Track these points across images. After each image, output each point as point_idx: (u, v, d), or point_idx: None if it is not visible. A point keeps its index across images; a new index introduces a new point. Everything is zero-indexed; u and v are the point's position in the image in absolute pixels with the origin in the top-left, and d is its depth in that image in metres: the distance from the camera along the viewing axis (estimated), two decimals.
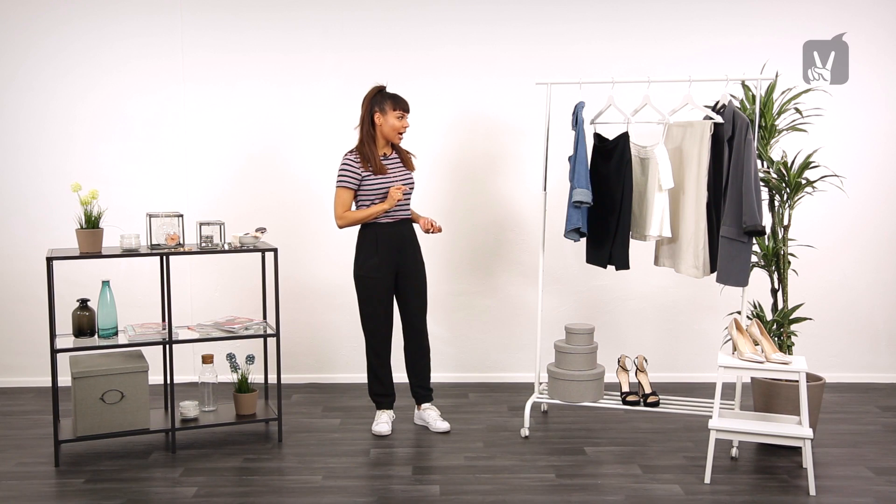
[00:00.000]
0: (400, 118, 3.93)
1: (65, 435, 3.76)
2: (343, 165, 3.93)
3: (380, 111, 3.92)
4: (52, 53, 4.77)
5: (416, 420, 4.23)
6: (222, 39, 4.81)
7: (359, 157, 3.92)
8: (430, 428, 4.12)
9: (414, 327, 4.11)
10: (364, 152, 3.92)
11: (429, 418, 4.14)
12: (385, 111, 3.92)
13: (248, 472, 3.61)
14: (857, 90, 4.82)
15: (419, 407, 4.21)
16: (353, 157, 3.93)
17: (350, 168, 3.91)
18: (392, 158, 4.01)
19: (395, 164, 4.01)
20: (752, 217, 3.59)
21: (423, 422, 4.18)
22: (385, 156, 4.00)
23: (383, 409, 4.16)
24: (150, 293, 4.50)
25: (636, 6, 4.84)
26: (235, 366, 4.07)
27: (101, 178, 4.67)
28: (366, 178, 3.90)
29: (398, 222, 3.98)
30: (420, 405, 4.21)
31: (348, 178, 3.91)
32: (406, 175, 4.01)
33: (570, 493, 3.39)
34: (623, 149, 3.94)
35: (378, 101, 3.93)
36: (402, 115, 3.94)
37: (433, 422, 4.13)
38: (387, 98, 3.93)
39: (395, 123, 3.92)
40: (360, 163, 3.91)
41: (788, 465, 3.71)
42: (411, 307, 4.09)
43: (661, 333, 5.01)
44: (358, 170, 3.90)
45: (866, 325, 5.01)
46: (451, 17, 4.84)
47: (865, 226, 4.94)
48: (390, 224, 3.96)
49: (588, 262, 4.21)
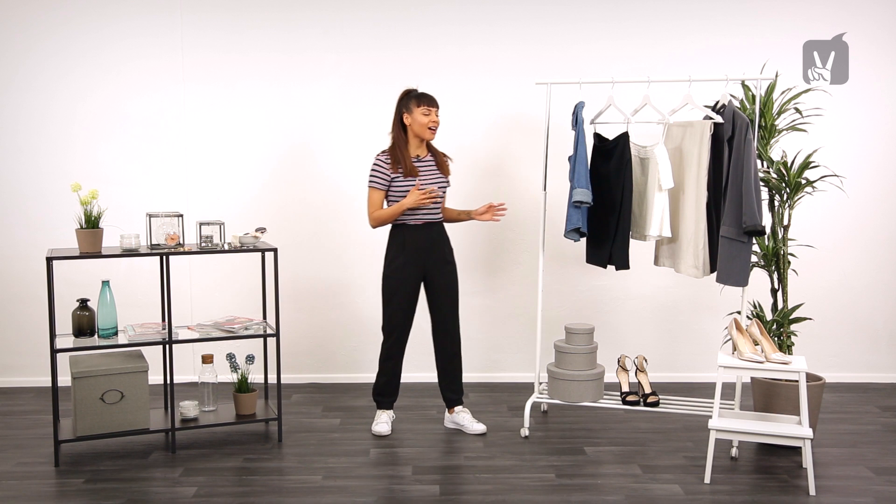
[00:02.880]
0: (426, 114, 3.92)
1: (65, 435, 3.76)
2: (373, 166, 3.96)
3: (406, 111, 3.94)
4: (52, 53, 4.77)
5: (448, 423, 4.19)
6: (222, 39, 4.81)
7: (390, 158, 3.94)
8: (466, 430, 4.09)
9: (446, 329, 4.08)
10: (395, 154, 3.94)
11: (463, 421, 4.11)
12: (411, 110, 3.93)
13: (248, 472, 3.61)
14: (857, 90, 4.83)
15: (451, 410, 4.18)
16: (383, 158, 3.95)
17: (380, 168, 3.93)
18: (427, 161, 4.01)
19: (428, 166, 4.00)
20: (752, 217, 3.59)
21: (457, 425, 4.14)
22: (418, 157, 3.99)
23: (384, 410, 4.15)
24: (150, 293, 4.50)
25: (636, 6, 4.84)
26: (235, 366, 4.07)
27: (101, 178, 4.67)
28: (395, 180, 3.91)
29: (426, 224, 3.97)
30: (452, 409, 4.17)
31: (377, 179, 3.93)
32: (438, 178, 4.00)
33: (570, 493, 3.39)
34: (623, 149, 3.94)
35: (405, 101, 3.96)
36: (427, 110, 3.92)
37: (469, 424, 4.09)
38: (412, 97, 3.94)
39: (422, 119, 3.91)
40: (391, 164, 3.92)
41: (788, 465, 3.71)
42: (442, 309, 4.06)
43: (661, 333, 5.01)
44: (387, 171, 3.92)
45: (866, 325, 5.01)
46: (452, 17, 4.84)
47: (865, 226, 4.94)
48: (418, 226, 3.95)
49: (588, 262, 4.21)
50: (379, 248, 4.95)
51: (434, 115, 3.95)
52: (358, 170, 4.92)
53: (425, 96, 3.94)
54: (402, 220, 3.95)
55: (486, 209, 4.09)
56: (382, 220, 3.94)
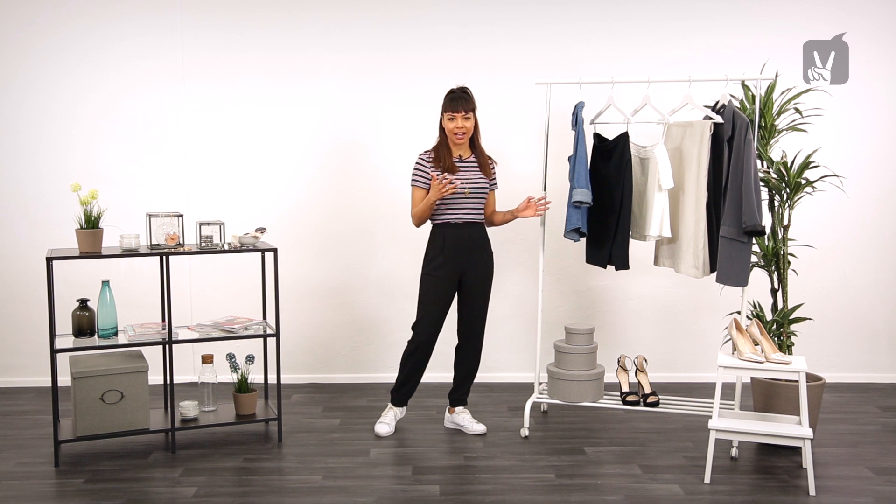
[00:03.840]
0: (451, 119, 3.87)
1: (65, 435, 3.76)
2: (415, 165, 3.95)
3: (443, 114, 3.92)
4: (52, 53, 4.77)
5: (448, 423, 4.20)
6: (222, 39, 4.81)
7: (432, 155, 3.93)
8: (466, 431, 4.10)
9: (474, 331, 4.07)
10: (438, 153, 3.92)
11: (464, 421, 4.12)
12: (442, 114, 3.91)
13: (248, 472, 3.61)
14: (857, 90, 4.83)
15: (452, 410, 4.18)
16: (425, 157, 3.94)
17: (421, 167, 3.93)
18: (469, 161, 3.97)
19: (470, 166, 3.96)
20: (752, 217, 3.59)
21: (457, 425, 4.15)
22: (461, 158, 3.96)
23: (395, 407, 4.14)
24: (150, 293, 4.50)
25: (636, 6, 4.84)
26: (235, 366, 4.07)
27: (101, 178, 4.67)
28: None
29: (466, 224, 3.94)
30: (454, 408, 4.18)
31: (419, 177, 3.93)
32: (478, 178, 3.95)
33: (570, 493, 3.39)
34: (623, 149, 3.94)
35: (443, 104, 3.92)
36: (451, 116, 3.86)
37: (469, 424, 4.10)
38: (445, 100, 3.90)
39: (448, 125, 3.88)
40: (433, 161, 3.91)
41: (788, 465, 3.71)
42: (473, 310, 4.03)
43: (661, 333, 5.01)
44: (428, 168, 3.90)
45: (866, 325, 5.01)
46: (452, 17, 4.84)
47: (865, 226, 4.94)
48: (458, 225, 3.93)
49: (588, 262, 4.21)
50: (379, 248, 4.97)
51: (459, 121, 3.86)
52: (358, 169, 4.93)
53: (451, 101, 3.87)
54: (444, 218, 3.92)
55: (527, 205, 4.04)
56: (419, 216, 3.92)
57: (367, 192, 4.93)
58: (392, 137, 4.90)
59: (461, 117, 3.86)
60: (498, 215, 4.14)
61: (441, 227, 3.95)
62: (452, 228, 3.93)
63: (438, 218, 3.93)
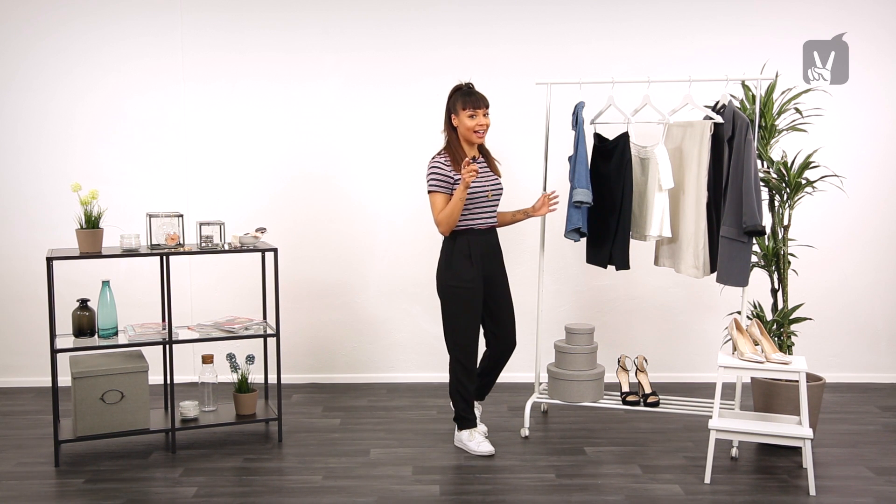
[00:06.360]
0: (472, 116, 3.67)
1: (65, 435, 3.76)
2: (434, 169, 3.69)
3: (454, 113, 3.72)
4: (52, 53, 4.76)
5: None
6: (222, 39, 4.81)
7: (449, 158, 3.71)
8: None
9: (508, 342, 3.90)
10: (452, 154, 3.72)
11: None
12: (458, 112, 3.70)
13: (248, 472, 3.61)
14: (857, 90, 4.82)
15: None
16: (443, 161, 3.70)
17: (441, 171, 3.68)
18: (479, 162, 3.79)
19: (482, 167, 3.80)
20: (752, 217, 3.59)
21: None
22: (474, 159, 3.78)
23: (474, 429, 3.88)
24: (150, 293, 4.50)
25: (636, 6, 4.84)
26: (235, 366, 4.07)
27: (101, 178, 4.67)
28: (457, 181, 3.67)
29: (488, 230, 3.79)
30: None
31: (442, 182, 3.67)
32: (493, 179, 3.80)
33: (570, 493, 3.39)
34: (623, 149, 3.94)
35: (452, 101, 3.73)
36: (473, 112, 3.67)
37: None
38: (459, 97, 3.70)
39: (468, 123, 3.68)
40: (452, 165, 3.69)
41: (788, 465, 3.71)
42: (505, 318, 3.88)
43: (661, 333, 5.01)
44: (450, 172, 3.67)
45: (866, 325, 5.01)
46: (452, 17, 4.84)
47: (865, 226, 4.94)
48: (482, 231, 3.75)
49: (588, 262, 4.21)
50: (379, 248, 4.97)
51: (481, 118, 3.69)
52: (358, 169, 4.93)
53: (471, 97, 3.68)
54: (467, 224, 3.71)
55: (543, 202, 3.95)
56: (451, 218, 3.64)
57: (367, 192, 4.93)
58: (392, 137, 4.90)
59: (482, 114, 3.70)
60: (505, 216, 3.99)
61: (465, 235, 3.73)
62: (476, 234, 3.74)
63: (461, 224, 3.71)
